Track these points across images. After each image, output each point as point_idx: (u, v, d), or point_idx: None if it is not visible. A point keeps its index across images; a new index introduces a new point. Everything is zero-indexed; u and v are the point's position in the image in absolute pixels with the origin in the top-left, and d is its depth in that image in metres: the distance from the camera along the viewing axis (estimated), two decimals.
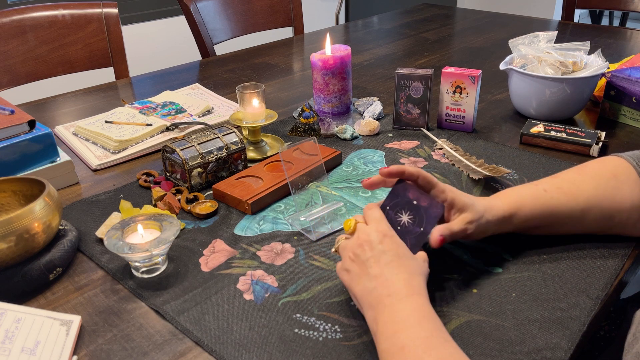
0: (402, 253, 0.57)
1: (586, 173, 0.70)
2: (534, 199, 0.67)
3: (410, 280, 0.55)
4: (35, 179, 0.71)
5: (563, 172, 0.71)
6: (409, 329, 0.50)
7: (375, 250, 0.57)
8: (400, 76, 1.01)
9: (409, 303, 0.52)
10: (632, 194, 0.67)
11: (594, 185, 0.68)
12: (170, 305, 0.62)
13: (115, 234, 0.66)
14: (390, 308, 0.52)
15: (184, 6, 1.62)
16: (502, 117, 1.12)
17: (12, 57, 1.36)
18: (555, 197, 0.67)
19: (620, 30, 1.80)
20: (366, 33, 1.87)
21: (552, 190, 0.68)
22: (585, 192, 0.67)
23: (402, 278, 0.54)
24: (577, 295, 0.61)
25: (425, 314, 0.52)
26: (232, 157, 0.88)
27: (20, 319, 0.56)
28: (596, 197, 0.67)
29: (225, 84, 1.36)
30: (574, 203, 0.67)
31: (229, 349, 0.56)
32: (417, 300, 0.53)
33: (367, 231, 0.58)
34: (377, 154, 0.97)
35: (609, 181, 0.68)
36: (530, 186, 0.69)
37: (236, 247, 0.72)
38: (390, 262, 0.56)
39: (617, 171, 0.68)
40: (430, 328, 0.50)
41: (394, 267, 0.55)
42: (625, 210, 0.67)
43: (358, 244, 0.58)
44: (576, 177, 0.69)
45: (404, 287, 0.54)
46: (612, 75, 1.04)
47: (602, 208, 0.67)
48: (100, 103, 1.25)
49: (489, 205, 0.66)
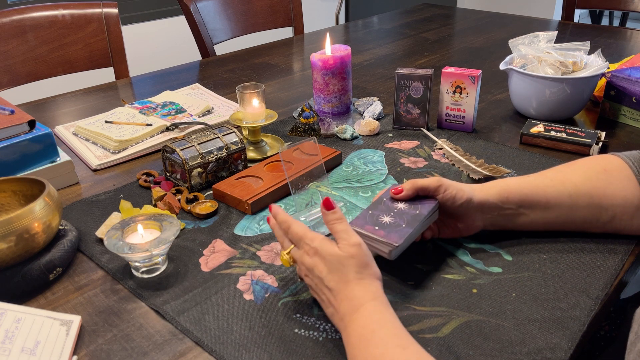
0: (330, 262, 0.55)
1: (575, 165, 0.72)
2: (519, 181, 0.70)
3: (345, 293, 0.54)
4: (35, 179, 0.71)
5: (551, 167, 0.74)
6: (362, 350, 0.49)
7: (315, 278, 0.56)
8: (400, 76, 1.01)
9: (357, 320, 0.51)
10: (624, 189, 0.67)
11: (583, 176, 0.69)
12: (170, 305, 0.62)
13: (115, 234, 0.66)
14: (345, 331, 0.52)
15: (184, 6, 1.62)
16: (502, 117, 1.12)
17: (12, 57, 1.36)
18: (540, 180, 0.70)
19: (620, 30, 1.80)
20: (366, 33, 1.87)
21: (538, 176, 0.71)
22: (573, 180, 0.69)
23: (345, 295, 0.54)
24: (577, 295, 0.61)
25: (374, 327, 0.50)
26: (232, 157, 0.88)
27: (20, 319, 0.56)
28: (585, 186, 0.68)
29: (225, 84, 1.36)
30: (560, 187, 0.68)
31: (229, 349, 0.56)
32: (364, 311, 0.52)
33: (302, 260, 0.58)
34: (377, 154, 0.97)
35: (599, 174, 0.69)
36: (514, 178, 0.72)
37: (236, 247, 0.72)
38: (327, 286, 0.55)
39: (608, 166, 0.69)
40: (384, 342, 0.49)
41: (330, 289, 0.55)
42: (618, 205, 0.67)
43: (303, 268, 0.58)
44: (564, 168, 0.72)
45: (348, 304, 0.53)
46: (612, 75, 1.04)
47: (591, 197, 0.68)
48: (100, 103, 1.25)
49: (474, 186, 0.70)
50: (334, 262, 0.55)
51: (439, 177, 0.68)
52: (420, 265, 0.67)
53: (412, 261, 0.68)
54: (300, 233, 0.58)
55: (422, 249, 0.70)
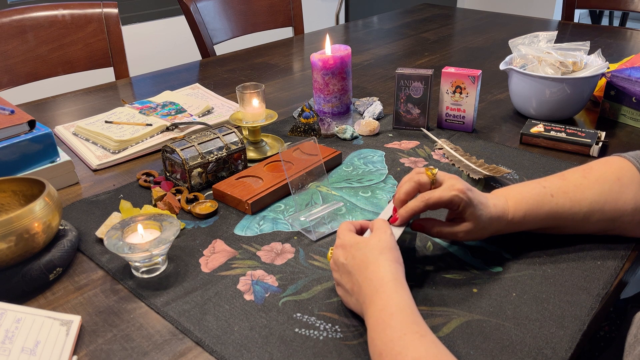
0: (351, 247, 0.58)
1: (592, 176, 0.69)
2: (539, 204, 0.67)
3: (375, 269, 0.55)
4: (35, 179, 0.71)
5: (569, 172, 0.71)
6: (380, 333, 0.50)
7: (344, 267, 0.58)
8: (400, 76, 1.01)
9: (375, 303, 0.52)
10: (635, 197, 0.67)
11: (598, 190, 0.67)
12: (170, 306, 0.62)
13: (115, 234, 0.66)
14: (366, 313, 0.53)
15: (184, 6, 1.62)
16: (502, 117, 1.12)
17: (12, 57, 1.36)
18: (561, 204, 0.67)
19: (620, 30, 1.80)
20: (366, 33, 1.87)
21: (559, 195, 0.67)
22: (590, 197, 0.67)
23: (366, 276, 0.55)
24: (577, 295, 0.61)
25: (393, 310, 0.51)
26: (232, 157, 0.88)
27: (20, 319, 0.56)
28: (599, 203, 0.67)
29: (225, 84, 1.36)
30: (577, 208, 0.67)
31: (229, 349, 0.56)
32: (383, 295, 0.53)
33: (335, 256, 0.60)
34: (377, 154, 0.97)
35: (612, 185, 0.67)
36: (538, 187, 0.68)
37: (236, 247, 0.72)
38: (356, 268, 0.57)
39: (621, 174, 0.68)
40: (402, 326, 0.49)
41: (359, 270, 0.56)
42: (628, 214, 0.67)
43: (334, 266, 0.61)
44: (582, 181, 0.69)
45: (370, 286, 0.54)
46: (612, 75, 1.04)
47: (604, 212, 0.67)
48: (100, 103, 1.25)
49: (493, 202, 0.66)
50: (354, 246, 0.58)
51: (458, 191, 0.62)
52: (420, 265, 0.67)
53: (412, 261, 0.68)
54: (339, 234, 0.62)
55: (422, 249, 0.70)
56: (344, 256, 0.58)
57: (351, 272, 0.57)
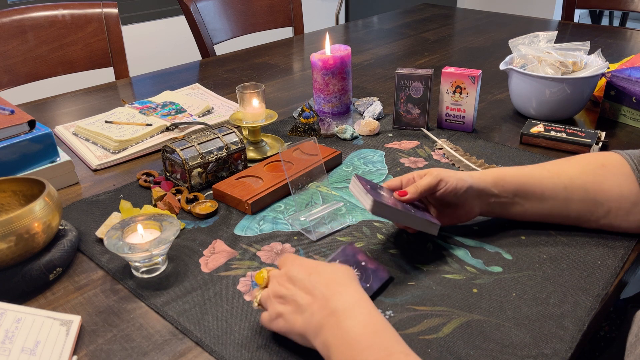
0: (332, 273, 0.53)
1: (574, 159, 0.72)
2: (516, 170, 0.71)
3: (348, 287, 0.51)
4: (35, 179, 0.71)
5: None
6: (365, 352, 0.46)
7: (301, 283, 0.53)
8: (400, 76, 1.01)
9: (355, 316, 0.48)
10: (620, 185, 0.67)
11: (580, 169, 0.69)
12: (170, 306, 0.62)
13: (115, 234, 0.66)
14: (337, 327, 0.48)
15: (184, 6, 1.62)
16: (502, 117, 1.12)
17: (12, 57, 1.36)
18: (537, 171, 0.70)
19: (620, 30, 1.80)
20: (366, 33, 1.87)
21: (535, 167, 0.71)
22: (569, 172, 0.69)
23: (338, 291, 0.51)
24: (577, 295, 0.61)
25: (377, 327, 0.48)
26: (232, 157, 0.88)
27: (20, 319, 0.56)
28: (581, 179, 0.68)
29: (225, 84, 1.36)
30: (556, 178, 0.69)
31: (229, 349, 0.56)
32: (363, 309, 0.49)
33: (285, 271, 0.55)
34: (377, 154, 0.97)
35: (596, 169, 0.69)
36: (515, 167, 0.73)
37: (236, 247, 0.72)
38: (321, 283, 0.52)
39: (607, 162, 0.70)
40: (387, 344, 0.47)
41: (325, 285, 0.52)
42: (614, 200, 0.67)
43: (280, 284, 0.54)
44: (562, 162, 0.72)
45: (346, 298, 0.50)
46: (612, 75, 1.04)
47: (587, 191, 0.68)
48: (100, 103, 1.25)
49: (472, 174, 0.70)
50: (320, 265, 0.55)
51: (437, 172, 0.68)
52: (420, 265, 0.67)
53: (412, 261, 0.68)
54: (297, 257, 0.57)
55: (422, 249, 0.70)
56: (305, 272, 0.53)
57: (315, 286, 0.52)
